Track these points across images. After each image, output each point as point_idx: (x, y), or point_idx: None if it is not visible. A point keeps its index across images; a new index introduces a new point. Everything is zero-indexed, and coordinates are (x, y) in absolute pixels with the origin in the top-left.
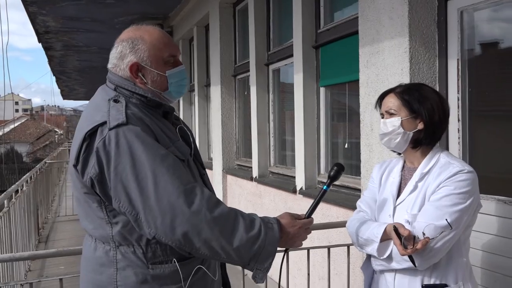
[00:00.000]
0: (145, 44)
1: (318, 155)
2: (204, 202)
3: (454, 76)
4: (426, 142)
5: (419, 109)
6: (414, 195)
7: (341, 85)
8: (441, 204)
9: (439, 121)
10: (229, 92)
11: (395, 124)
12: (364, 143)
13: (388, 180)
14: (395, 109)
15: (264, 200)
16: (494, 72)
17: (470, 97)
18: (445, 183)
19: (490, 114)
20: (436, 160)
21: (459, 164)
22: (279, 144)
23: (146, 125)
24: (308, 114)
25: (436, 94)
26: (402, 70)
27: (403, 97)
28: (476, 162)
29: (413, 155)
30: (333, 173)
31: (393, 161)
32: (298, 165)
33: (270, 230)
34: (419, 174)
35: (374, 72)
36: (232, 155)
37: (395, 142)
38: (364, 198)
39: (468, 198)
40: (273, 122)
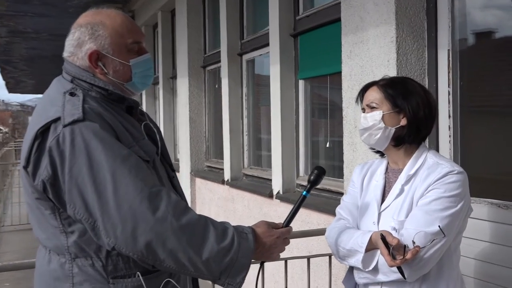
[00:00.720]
0: (106, 30)
1: (297, 155)
2: (171, 208)
3: (444, 68)
4: (409, 140)
5: (402, 103)
6: (401, 199)
7: (322, 77)
8: (431, 208)
9: (424, 118)
10: (198, 85)
11: (376, 118)
12: (347, 142)
13: (371, 184)
14: (377, 103)
15: (237, 206)
16: (488, 64)
17: (462, 91)
18: (434, 185)
19: (484, 110)
20: (423, 160)
21: (448, 165)
22: (254, 143)
23: (106, 121)
24: (285, 110)
25: (422, 89)
26: (389, 62)
27: (386, 90)
28: (468, 163)
29: (396, 154)
30: (313, 178)
31: (376, 162)
32: (275, 166)
33: (244, 240)
34: (405, 176)
35: (358, 63)
36: (201, 156)
37: (375, 138)
38: (345, 204)
39: (459, 201)
40: (247, 118)
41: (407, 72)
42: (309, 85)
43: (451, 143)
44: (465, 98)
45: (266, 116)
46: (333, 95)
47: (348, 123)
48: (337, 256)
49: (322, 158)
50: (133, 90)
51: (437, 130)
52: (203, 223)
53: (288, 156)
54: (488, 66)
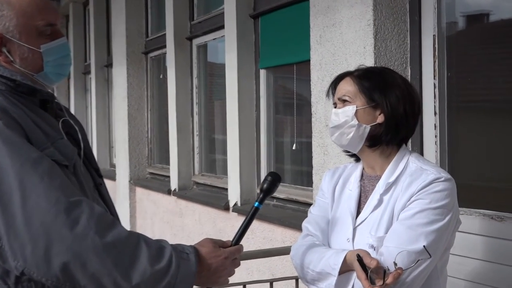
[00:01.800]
0: (11, 10)
1: (258, 160)
2: (93, 222)
3: (429, 57)
4: (386, 139)
5: (379, 97)
6: (379, 212)
7: (287, 67)
8: (414, 222)
9: (405, 115)
10: (138, 76)
11: (349, 114)
12: (317, 143)
13: (344, 193)
14: (350, 96)
15: (186, 221)
16: (480, 52)
17: (450, 84)
18: (418, 195)
19: (476, 106)
20: (404, 165)
21: (433, 171)
22: (207, 145)
23: (13, 118)
24: (244, 105)
25: (404, 82)
26: (365, 49)
27: (361, 82)
28: (457, 168)
29: (372, 157)
30: (267, 185)
31: (349, 167)
32: (232, 173)
33: (185, 262)
34: (384, 185)
35: (329, 50)
36: (143, 161)
37: (348, 138)
38: (313, 217)
39: (447, 213)
40: (198, 115)
41: (386, 61)
42: (272, 75)
43: (437, 144)
44: (453, 92)
45: (221, 113)
46: (300, 88)
47: (318, 121)
48: (305, 280)
49: (287, 163)
50: (45, 82)
51: (421, 129)
52: (133, 241)
53: (247, 161)
54: (481, 54)
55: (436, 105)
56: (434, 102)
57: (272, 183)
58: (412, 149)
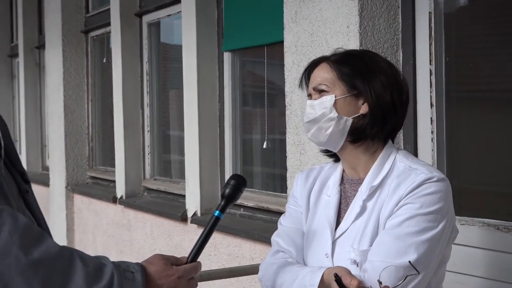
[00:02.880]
0: None
1: (221, 161)
2: (17, 236)
3: (424, 39)
4: (371, 132)
5: (362, 84)
6: (362, 221)
7: (256, 49)
8: (403, 231)
9: (392, 103)
10: (77, 60)
11: (327, 105)
12: (292, 141)
13: (321, 200)
14: (327, 85)
15: (136, 235)
16: (485, 32)
17: (449, 70)
18: (407, 199)
19: (479, 96)
20: (390, 165)
21: (424, 170)
22: (160, 143)
23: None
24: (205, 96)
25: (389, 66)
26: (349, 28)
27: (340, 68)
28: (458, 169)
29: (354, 156)
30: (229, 191)
31: (326, 169)
32: (190, 177)
33: (129, 282)
34: (368, 189)
35: (306, 30)
36: (83, 162)
37: (327, 133)
38: (284, 229)
39: (440, 219)
40: (150, 108)
41: (374, 43)
42: (239, 60)
43: (434, 142)
44: (452, 80)
45: (178, 105)
46: (272, 75)
47: (293, 114)
48: None
49: (257, 164)
50: None
51: (414, 124)
52: (66, 258)
53: (209, 162)
54: (486, 35)
55: (433, 96)
56: (430, 92)
57: (235, 187)
58: (405, 147)
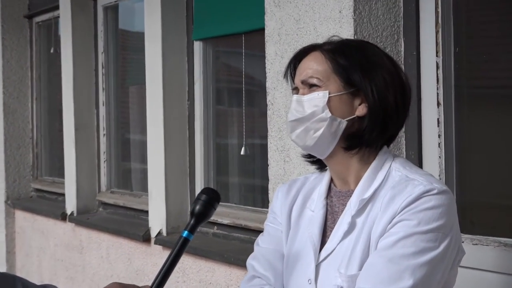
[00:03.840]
0: None
1: (191, 170)
2: None
3: (430, 26)
4: (370, 139)
5: (361, 80)
6: (351, 240)
7: (233, 38)
8: (397, 253)
9: (395, 106)
10: (19, 50)
11: (318, 102)
12: (274, 146)
13: (304, 215)
14: (319, 78)
15: (89, 258)
16: (502, 18)
17: (459, 64)
18: (403, 214)
19: (495, 95)
20: (385, 174)
21: (423, 180)
22: (118, 149)
23: None
24: (171, 93)
25: (390, 61)
26: (341, 13)
27: (336, 59)
28: (469, 181)
29: (344, 165)
30: (200, 207)
31: (311, 180)
32: (154, 189)
33: None
34: (357, 203)
35: (291, 15)
36: (26, 172)
37: (315, 136)
38: (261, 251)
39: (441, 239)
40: (106, 107)
41: (371, 31)
42: (212, 50)
43: (442, 147)
44: (463, 74)
45: (139, 104)
46: (251, 68)
47: (276, 115)
48: None
49: (233, 174)
50: None
51: (419, 127)
52: (8, 286)
53: (177, 172)
54: (503, 21)
55: (440, 93)
56: (437, 89)
57: (207, 203)
58: (407, 154)
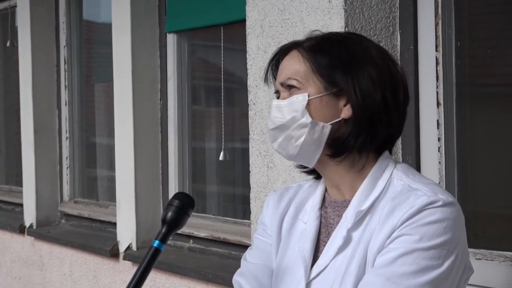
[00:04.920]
0: None
1: (164, 177)
2: None
3: (429, 17)
4: (356, 144)
5: (344, 79)
6: (345, 256)
7: (210, 30)
8: (397, 271)
9: (384, 105)
10: None
11: (297, 107)
12: (257, 151)
13: (295, 228)
14: (299, 79)
15: (50, 275)
16: (508, 8)
17: (461, 59)
18: (403, 229)
19: (501, 93)
20: (385, 183)
21: (427, 190)
22: (83, 154)
23: None
24: (142, 91)
25: (380, 54)
26: (331, 3)
27: (315, 57)
28: (472, 189)
29: (336, 173)
30: (172, 214)
31: (305, 188)
32: (123, 198)
33: None
34: (354, 215)
35: (275, 5)
36: None
37: (297, 144)
38: (248, 267)
39: (446, 256)
40: (69, 107)
41: (364, 23)
42: (187, 44)
43: (442, 152)
44: (465, 71)
45: (106, 103)
46: (231, 64)
47: (259, 116)
48: None
49: (212, 182)
50: None
51: (416, 129)
52: None
53: (148, 179)
54: (509, 12)
55: (440, 92)
56: (436, 87)
57: (180, 210)
58: (404, 160)
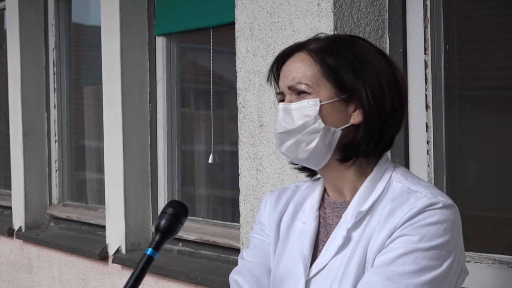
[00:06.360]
0: None
1: (153, 180)
2: None
3: (418, 20)
4: (367, 150)
5: (355, 84)
6: (345, 255)
7: (199, 33)
8: (397, 271)
9: (392, 110)
10: None
11: (309, 112)
12: (246, 154)
13: (294, 227)
14: (309, 83)
15: (39, 279)
16: (498, 12)
17: (450, 62)
18: (404, 229)
19: (489, 96)
20: (385, 185)
21: (427, 193)
22: (72, 157)
23: None
24: (131, 94)
25: (384, 58)
26: (320, 6)
27: (324, 59)
28: (461, 192)
29: (340, 176)
30: (165, 223)
31: (303, 188)
32: (112, 201)
33: None
34: (354, 215)
35: (264, 8)
36: None
37: (308, 148)
38: (246, 265)
39: (445, 257)
40: (58, 109)
41: (353, 26)
42: (176, 47)
43: (431, 155)
44: (454, 74)
45: (95, 106)
46: (220, 66)
47: (248, 119)
48: None
49: (201, 185)
50: None
51: (405, 132)
52: None
53: (137, 182)
54: (499, 15)
55: (429, 95)
56: (425, 90)
57: (174, 218)
58: (392, 162)
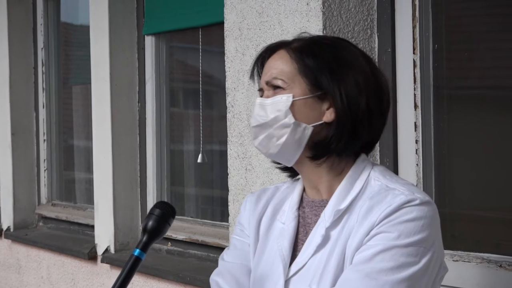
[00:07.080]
0: None
1: (142, 179)
2: None
3: (406, 20)
4: (337, 148)
5: (329, 83)
6: (324, 254)
7: (188, 32)
8: (375, 268)
9: (368, 111)
10: None
11: (281, 106)
12: (235, 153)
13: (273, 228)
14: (284, 80)
15: (28, 278)
16: (486, 11)
17: (438, 62)
18: (381, 226)
19: (478, 96)
20: (363, 183)
21: (404, 190)
22: (61, 157)
23: None
24: (120, 93)
25: (367, 61)
26: (309, 5)
27: (303, 58)
28: (450, 191)
29: (315, 174)
30: (153, 223)
31: (282, 189)
32: (101, 201)
33: None
34: (332, 214)
35: (253, 8)
36: None
37: (278, 143)
38: (226, 266)
39: (423, 253)
40: (47, 109)
41: (342, 25)
42: (165, 46)
43: (420, 154)
44: (443, 74)
45: (84, 105)
46: (209, 66)
47: (237, 118)
48: None
49: (190, 184)
50: None
51: (394, 131)
52: None
53: (126, 182)
54: (487, 15)
55: (417, 94)
56: (413, 89)
57: (161, 219)
58: (381, 162)
